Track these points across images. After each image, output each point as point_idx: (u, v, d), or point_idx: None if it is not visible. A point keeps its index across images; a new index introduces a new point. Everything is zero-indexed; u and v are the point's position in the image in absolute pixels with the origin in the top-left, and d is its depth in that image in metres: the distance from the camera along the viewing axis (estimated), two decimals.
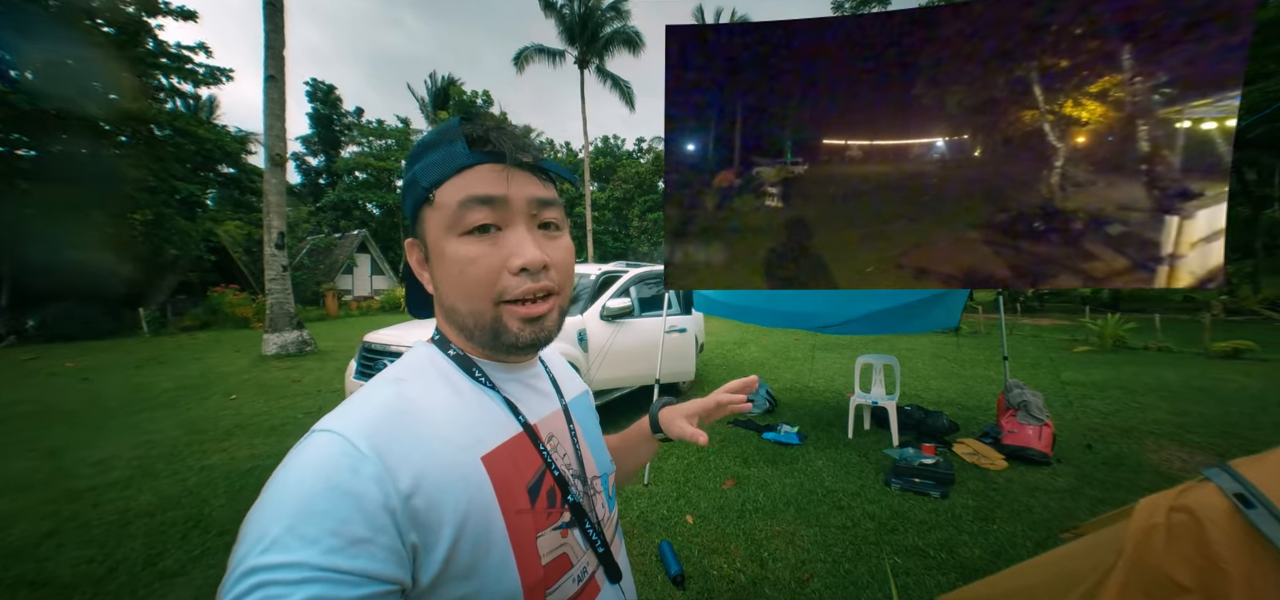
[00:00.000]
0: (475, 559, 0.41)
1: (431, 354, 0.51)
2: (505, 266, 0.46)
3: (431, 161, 0.47)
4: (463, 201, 0.45)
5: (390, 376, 0.47)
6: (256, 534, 0.34)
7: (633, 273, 4.47)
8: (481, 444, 0.45)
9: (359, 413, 0.41)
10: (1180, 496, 1.10)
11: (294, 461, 0.38)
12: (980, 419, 4.22)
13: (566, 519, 0.50)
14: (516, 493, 0.45)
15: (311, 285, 18.85)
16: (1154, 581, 1.07)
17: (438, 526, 0.39)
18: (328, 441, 0.38)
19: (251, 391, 5.58)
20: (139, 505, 2.75)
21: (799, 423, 4.05)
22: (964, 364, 6.88)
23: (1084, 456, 3.33)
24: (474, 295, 0.46)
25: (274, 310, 8.24)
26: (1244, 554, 0.98)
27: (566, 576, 0.48)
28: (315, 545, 0.33)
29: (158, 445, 3.74)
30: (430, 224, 0.47)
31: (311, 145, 28.66)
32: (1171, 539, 1.07)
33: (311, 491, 0.35)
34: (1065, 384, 5.54)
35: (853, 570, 2.05)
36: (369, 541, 0.35)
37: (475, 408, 0.47)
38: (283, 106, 8.06)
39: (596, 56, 20.45)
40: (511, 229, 0.46)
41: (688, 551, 2.20)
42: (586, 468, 0.57)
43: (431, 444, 0.41)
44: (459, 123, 0.48)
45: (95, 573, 2.12)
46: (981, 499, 2.71)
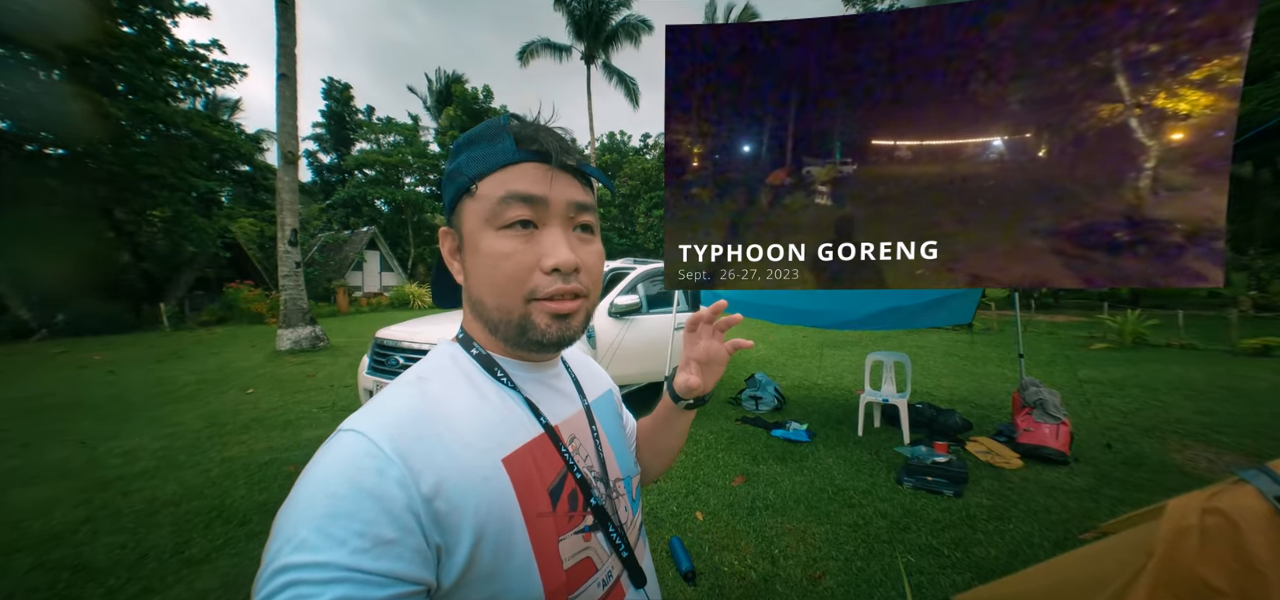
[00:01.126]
0: (497, 562, 0.41)
1: (454, 353, 0.51)
2: (538, 265, 0.46)
3: (477, 154, 0.48)
4: (504, 197, 0.46)
5: (414, 376, 0.47)
6: (287, 533, 0.34)
7: (640, 270, 4.47)
8: (502, 446, 0.45)
9: (383, 413, 0.41)
10: (1213, 499, 1.07)
11: (321, 461, 0.38)
12: (994, 417, 4.16)
13: (588, 522, 0.50)
14: (538, 495, 0.45)
15: (323, 281, 19.13)
16: (1186, 584, 1.05)
17: (459, 529, 0.39)
18: (353, 442, 0.38)
19: (267, 386, 5.70)
20: (165, 495, 2.83)
21: (808, 420, 4.03)
22: (977, 362, 6.78)
23: (1103, 456, 3.27)
24: (505, 290, 0.47)
25: (288, 306, 8.38)
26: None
27: (591, 581, 0.48)
28: (343, 546, 0.33)
29: (180, 437, 3.85)
30: (468, 215, 0.48)
31: (324, 143, 29.02)
32: (1205, 541, 1.04)
33: (338, 493, 0.35)
34: (1082, 382, 5.44)
35: (865, 568, 2.04)
36: (395, 542, 0.35)
37: (497, 409, 0.48)
38: (295, 104, 8.17)
39: (603, 51, 20.39)
40: (547, 229, 0.47)
41: (698, 548, 2.21)
42: (609, 470, 0.56)
43: (453, 446, 0.42)
44: (507, 119, 0.49)
45: (127, 559, 2.19)
46: (997, 498, 2.67)
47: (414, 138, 25.44)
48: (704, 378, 0.66)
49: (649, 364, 4.03)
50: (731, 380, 5.60)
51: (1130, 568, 1.11)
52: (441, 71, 26.48)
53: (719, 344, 0.66)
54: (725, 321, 0.66)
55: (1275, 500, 0.99)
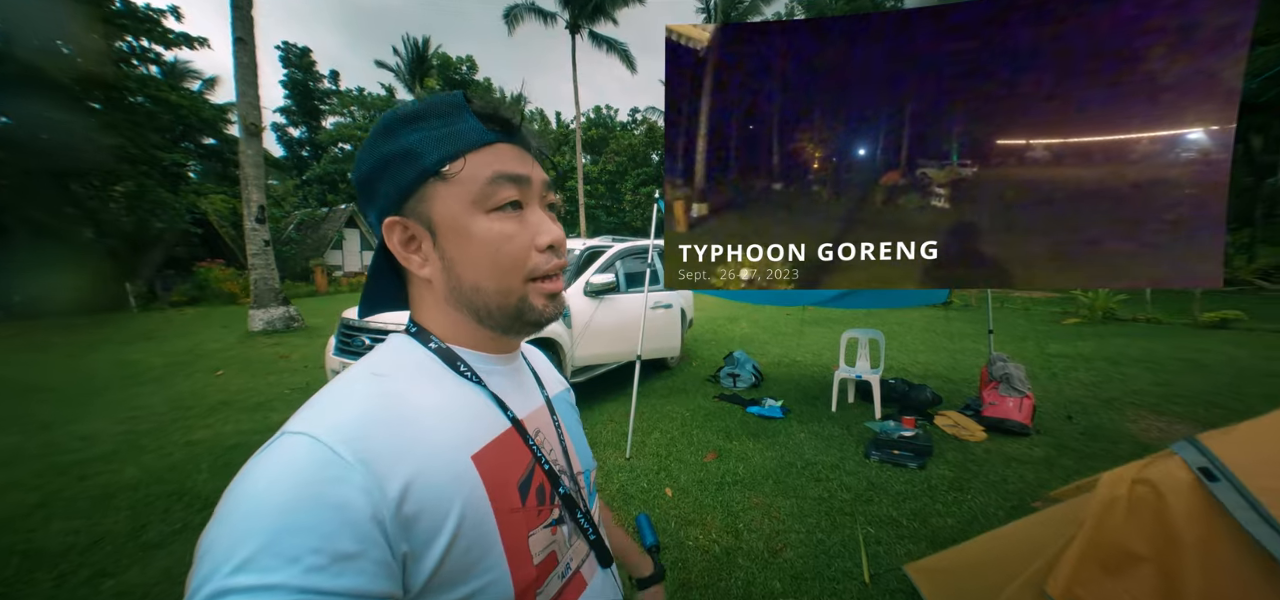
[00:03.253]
0: (469, 563, 0.39)
1: (410, 347, 0.48)
2: (533, 244, 0.46)
3: (434, 135, 0.44)
4: (493, 177, 0.44)
5: (366, 372, 0.44)
6: (224, 550, 0.30)
7: (617, 248, 4.40)
8: (471, 443, 0.43)
9: (337, 414, 0.38)
10: (1144, 469, 1.10)
11: (263, 469, 0.34)
12: (966, 392, 4.26)
13: (556, 516, 0.50)
14: (508, 491, 0.44)
15: (301, 260, 18.62)
16: (1111, 552, 1.07)
17: (430, 534, 0.37)
18: (305, 446, 0.35)
19: (237, 368, 5.56)
20: (124, 479, 2.75)
21: (784, 397, 4.08)
22: (954, 338, 6.92)
23: (1064, 427, 3.38)
24: (507, 272, 0.46)
25: (258, 286, 8.13)
26: (1201, 525, 0.98)
27: (552, 574, 0.48)
28: (296, 564, 0.30)
29: (144, 420, 3.74)
30: (442, 199, 0.44)
31: (291, 115, 27.69)
32: (1132, 511, 1.07)
33: (289, 504, 0.32)
34: (1052, 356, 5.60)
35: (826, 540, 2.09)
36: (357, 557, 0.32)
37: (462, 404, 0.46)
38: (254, 71, 7.74)
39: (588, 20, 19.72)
40: (531, 208, 0.47)
41: (665, 523, 2.24)
42: (572, 463, 0.57)
43: (420, 446, 0.39)
44: (463, 97, 0.46)
45: (81, 543, 2.14)
46: (959, 470, 2.75)
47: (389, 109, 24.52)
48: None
49: (624, 344, 4.02)
50: (709, 359, 5.63)
51: (1063, 537, 1.14)
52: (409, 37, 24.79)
53: None
54: None
55: (1200, 471, 1.01)
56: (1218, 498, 0.97)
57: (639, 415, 3.69)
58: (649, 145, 25.57)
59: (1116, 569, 1.07)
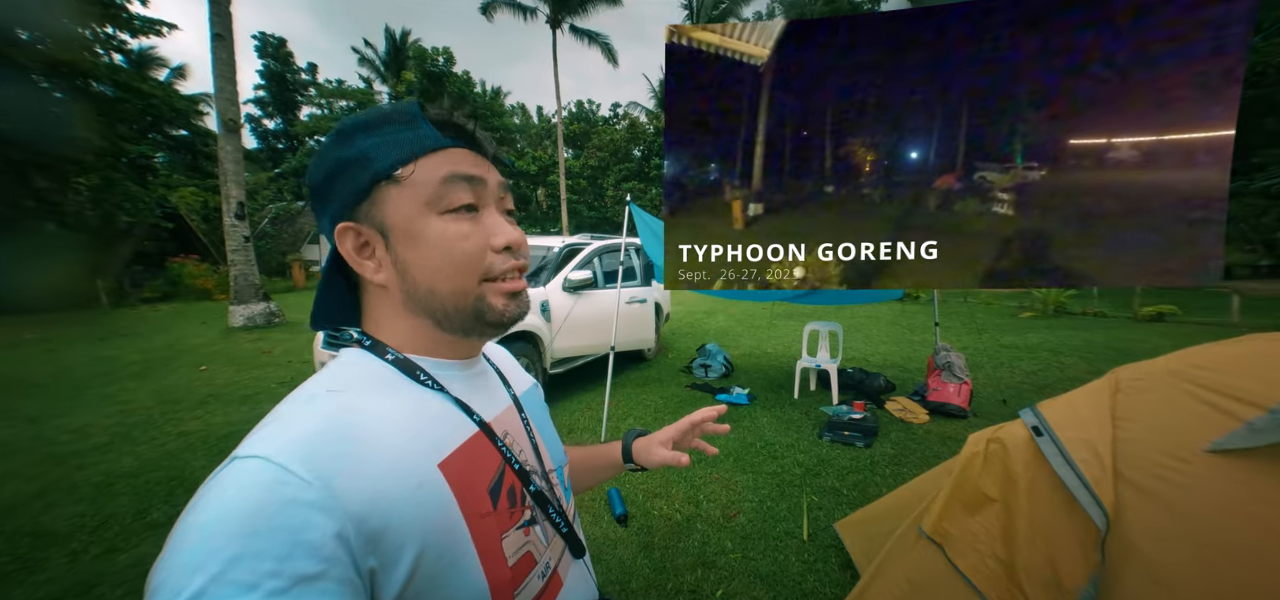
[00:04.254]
0: (440, 570, 0.39)
1: (364, 361, 0.46)
2: (488, 245, 0.47)
3: (389, 140, 0.45)
4: (447, 178, 0.45)
5: (319, 390, 0.42)
6: (177, 582, 0.29)
7: (595, 245, 4.64)
8: (437, 450, 0.43)
9: (290, 432, 0.37)
10: (998, 431, 1.40)
11: (215, 495, 0.33)
12: (918, 380, 4.63)
13: (528, 516, 0.50)
14: (478, 496, 0.44)
15: (277, 255, 18.26)
16: (971, 494, 1.38)
17: (398, 547, 0.37)
18: (257, 469, 0.34)
19: (221, 362, 5.61)
20: (121, 467, 2.88)
21: (752, 385, 4.39)
22: (914, 329, 7.37)
23: (998, 410, 3.76)
24: (462, 272, 0.46)
25: (239, 282, 8.10)
26: (1030, 469, 1.29)
27: (532, 573, 0.48)
28: (254, 590, 0.29)
29: (133, 414, 3.82)
30: (395, 202, 0.45)
31: (265, 107, 26.98)
32: (986, 462, 1.37)
33: (243, 530, 0.31)
34: (1002, 346, 6.06)
35: (774, 507, 2.38)
36: (318, 577, 0.32)
37: (425, 413, 0.45)
38: (233, 68, 7.68)
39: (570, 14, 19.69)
40: (486, 210, 0.48)
41: (634, 496, 2.49)
42: (543, 461, 0.57)
43: (383, 455, 0.39)
44: (417, 106, 0.48)
45: (88, 525, 2.29)
46: (900, 448, 3.08)
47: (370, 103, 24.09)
48: (666, 461, 0.73)
49: (601, 336, 4.26)
50: (685, 351, 5.92)
51: (939, 486, 1.43)
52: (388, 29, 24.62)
53: (692, 443, 0.76)
54: (713, 430, 0.76)
55: (1032, 428, 1.31)
56: (1041, 448, 1.27)
57: (615, 403, 3.94)
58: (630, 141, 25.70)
59: (975, 507, 1.36)
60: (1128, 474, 1.11)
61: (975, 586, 1.26)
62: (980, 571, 1.27)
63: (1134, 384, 1.28)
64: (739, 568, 1.97)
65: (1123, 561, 1.03)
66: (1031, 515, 1.25)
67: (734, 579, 1.91)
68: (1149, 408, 1.17)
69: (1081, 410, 1.31)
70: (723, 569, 1.96)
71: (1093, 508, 1.10)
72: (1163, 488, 1.04)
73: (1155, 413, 1.15)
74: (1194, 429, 1.05)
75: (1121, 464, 1.13)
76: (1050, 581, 1.14)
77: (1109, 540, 1.05)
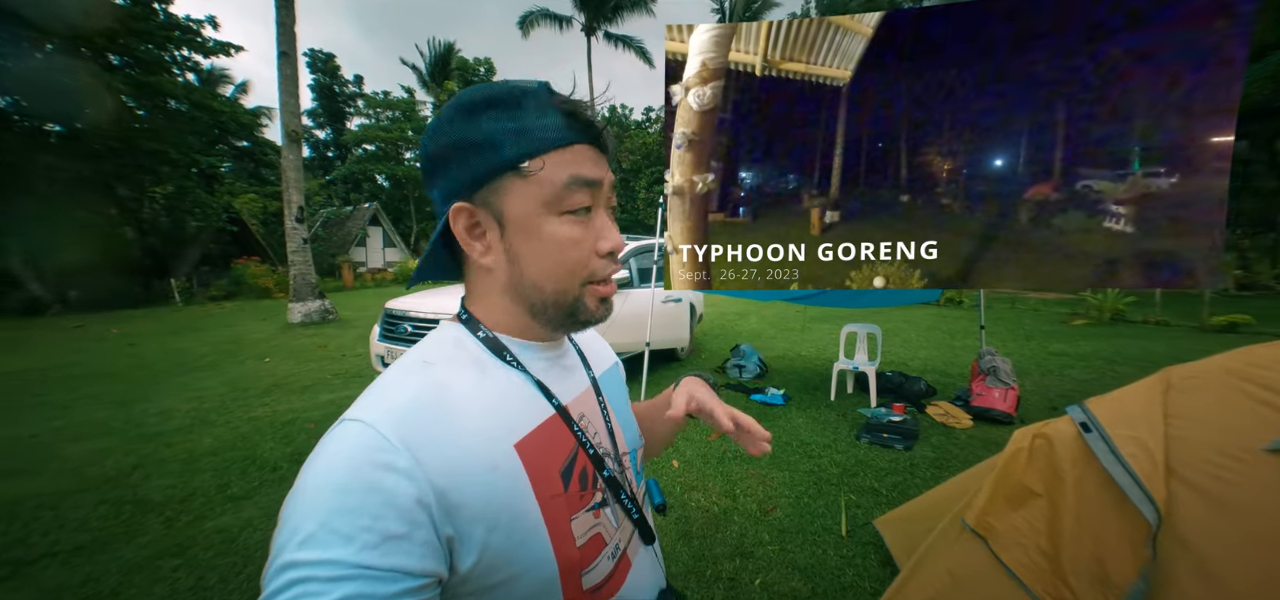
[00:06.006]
0: (511, 547, 0.41)
1: (459, 335, 0.50)
2: (594, 249, 0.48)
3: (517, 126, 0.44)
4: (570, 181, 0.45)
5: (417, 360, 0.46)
6: (294, 524, 0.34)
7: (632, 246, 4.75)
8: (513, 431, 0.45)
9: (388, 401, 0.41)
10: (1043, 427, 1.40)
11: (326, 451, 0.37)
12: (959, 384, 4.49)
13: (598, 499, 0.51)
14: (551, 477, 0.46)
15: (327, 257, 19.40)
16: (1015, 489, 1.38)
17: (473, 520, 0.39)
18: (359, 432, 0.38)
19: (282, 356, 6.06)
20: (202, 447, 3.19)
21: (787, 387, 4.37)
22: (954, 335, 7.10)
23: (1046, 417, 3.60)
24: (569, 275, 0.47)
25: (297, 281, 8.68)
26: (1078, 465, 1.29)
27: (602, 555, 0.49)
28: (351, 542, 0.33)
29: (207, 400, 4.21)
30: (516, 195, 0.45)
31: (317, 118, 28.82)
32: (1032, 457, 1.37)
33: (344, 486, 0.35)
34: (1051, 354, 5.77)
35: (812, 504, 2.40)
36: (404, 537, 0.35)
37: (507, 393, 0.47)
38: (296, 82, 8.29)
39: (605, 21, 20.07)
40: (598, 212, 0.49)
41: (671, 489, 2.57)
42: (618, 444, 0.57)
43: (464, 435, 0.41)
44: (544, 89, 0.47)
45: (178, 495, 2.56)
46: (941, 451, 3.02)
47: (412, 113, 25.27)
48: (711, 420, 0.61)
49: (636, 335, 4.35)
50: (719, 351, 5.94)
51: (982, 482, 1.44)
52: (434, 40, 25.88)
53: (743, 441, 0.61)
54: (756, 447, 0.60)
55: (1080, 425, 1.31)
56: (1089, 445, 1.27)
57: None
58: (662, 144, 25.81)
59: (1020, 502, 1.37)
60: (1180, 471, 1.11)
61: (1020, 580, 1.27)
62: (1025, 565, 1.27)
63: (1186, 382, 1.26)
64: (777, 559, 2.00)
65: (1174, 557, 1.03)
66: (1078, 510, 1.25)
67: (772, 569, 1.95)
68: (1202, 406, 1.16)
69: (1131, 408, 1.30)
70: (761, 559, 2.01)
71: (1144, 503, 1.10)
72: (1217, 485, 1.03)
73: (1209, 411, 1.14)
74: (1250, 428, 1.03)
75: (1174, 461, 1.13)
76: (1097, 577, 1.14)
77: (1161, 535, 1.05)
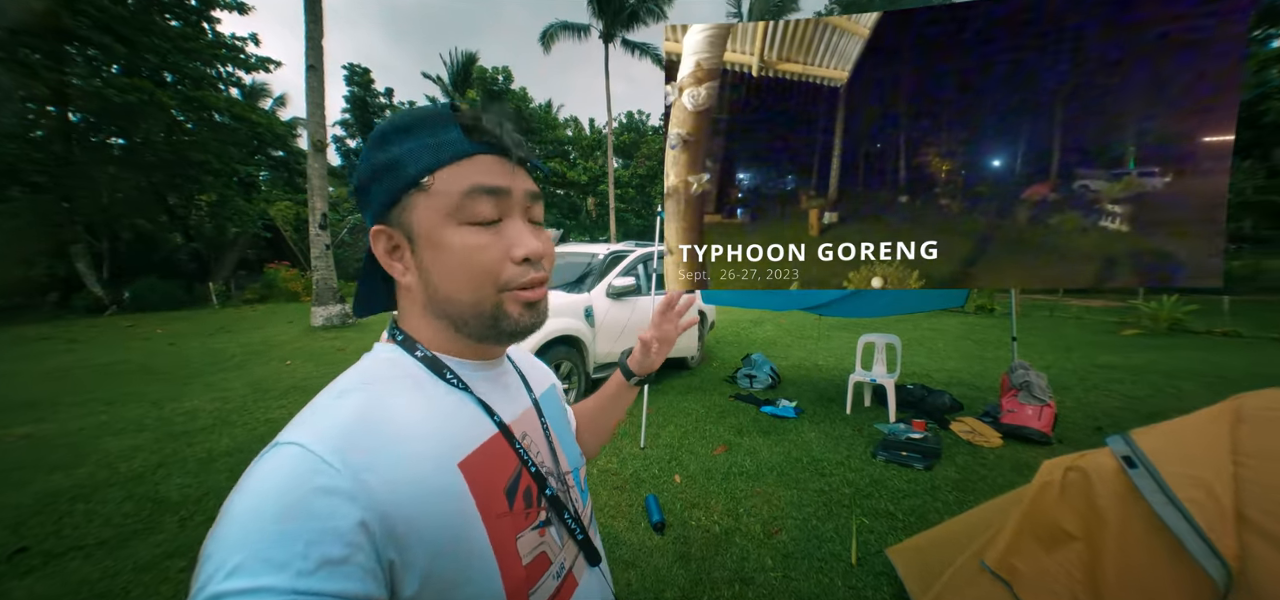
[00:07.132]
0: (457, 568, 0.40)
1: (395, 356, 0.49)
2: (508, 256, 0.47)
3: (419, 146, 0.45)
4: (468, 190, 0.45)
5: (354, 382, 0.45)
6: (219, 558, 0.32)
7: (639, 252, 4.67)
8: (457, 450, 0.45)
9: (327, 422, 0.40)
10: (1078, 459, 1.23)
11: (255, 478, 0.36)
12: (989, 399, 4.20)
13: (543, 518, 0.51)
14: (496, 496, 0.46)
15: (354, 261, 20.11)
16: (1045, 528, 1.22)
17: (416, 543, 0.38)
18: (294, 455, 0.36)
19: (303, 357, 6.25)
20: (221, 447, 3.28)
21: (800, 398, 4.19)
22: (986, 346, 6.70)
23: (1089, 438, 3.31)
24: (480, 283, 0.47)
25: (319, 286, 9.00)
26: (1122, 505, 1.12)
27: (546, 574, 0.49)
28: (284, 570, 0.32)
29: (230, 401, 4.35)
30: (421, 210, 0.46)
31: (350, 127, 30.05)
32: (1063, 492, 1.21)
33: (278, 512, 0.33)
34: (1098, 367, 5.35)
35: (820, 527, 2.24)
36: (343, 562, 0.34)
37: (448, 412, 0.47)
38: (322, 95, 8.62)
39: (622, 28, 20.19)
40: (510, 220, 0.48)
41: (672, 506, 2.45)
42: (560, 463, 0.58)
43: (406, 455, 0.41)
44: (449, 109, 0.48)
45: (194, 495, 2.62)
46: (965, 473, 2.80)
47: None
48: (658, 358, 0.78)
49: None
50: (730, 360, 5.77)
51: (1006, 515, 1.28)
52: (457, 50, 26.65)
53: (674, 327, 0.80)
54: (687, 305, 0.80)
55: (1123, 459, 1.14)
56: (1135, 483, 1.10)
57: (656, 410, 3.92)
58: None
59: (1052, 544, 1.20)
60: (1256, 520, 0.93)
61: None
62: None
63: (1263, 414, 1.08)
64: (779, 587, 1.87)
65: None
66: (1123, 560, 1.08)
67: (774, 599, 1.81)
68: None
69: (1189, 442, 1.13)
70: (762, 587, 1.87)
71: (1208, 559, 0.93)
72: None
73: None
74: None
75: (1247, 508, 0.95)
76: None
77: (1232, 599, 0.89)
